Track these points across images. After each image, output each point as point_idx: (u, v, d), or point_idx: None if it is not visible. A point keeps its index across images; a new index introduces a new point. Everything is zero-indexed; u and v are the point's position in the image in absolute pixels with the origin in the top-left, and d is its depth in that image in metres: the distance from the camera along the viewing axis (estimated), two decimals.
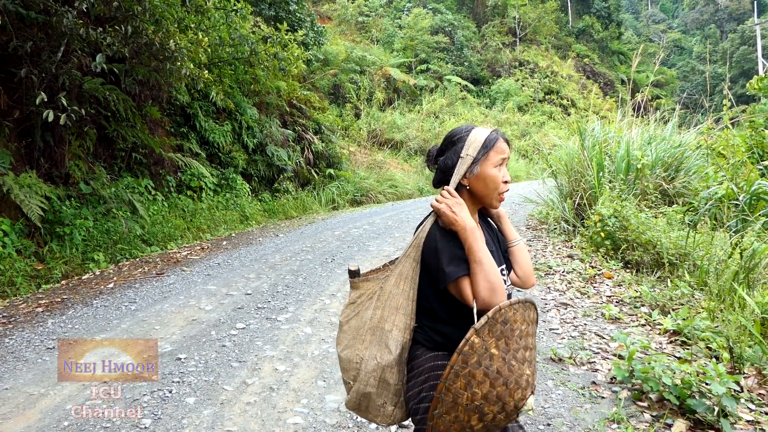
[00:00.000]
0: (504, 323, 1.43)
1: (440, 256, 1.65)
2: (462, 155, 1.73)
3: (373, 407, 1.75)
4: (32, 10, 6.45)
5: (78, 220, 7.11)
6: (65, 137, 7.39)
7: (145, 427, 3.11)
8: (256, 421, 3.19)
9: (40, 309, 5.38)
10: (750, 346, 3.74)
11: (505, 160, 1.75)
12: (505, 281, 1.82)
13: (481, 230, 1.87)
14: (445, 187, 1.75)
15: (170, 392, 3.55)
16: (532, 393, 1.45)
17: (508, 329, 1.44)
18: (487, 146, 1.72)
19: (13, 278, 5.99)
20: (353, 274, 1.92)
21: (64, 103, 6.31)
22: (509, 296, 1.78)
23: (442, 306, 1.70)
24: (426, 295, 1.74)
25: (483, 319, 1.42)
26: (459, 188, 1.77)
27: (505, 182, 1.76)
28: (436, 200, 1.72)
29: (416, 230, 1.79)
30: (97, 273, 6.81)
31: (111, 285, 6.26)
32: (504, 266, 1.86)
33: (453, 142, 1.79)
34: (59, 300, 5.68)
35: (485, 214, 1.98)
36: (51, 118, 6.16)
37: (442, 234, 1.68)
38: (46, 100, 6.19)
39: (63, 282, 6.41)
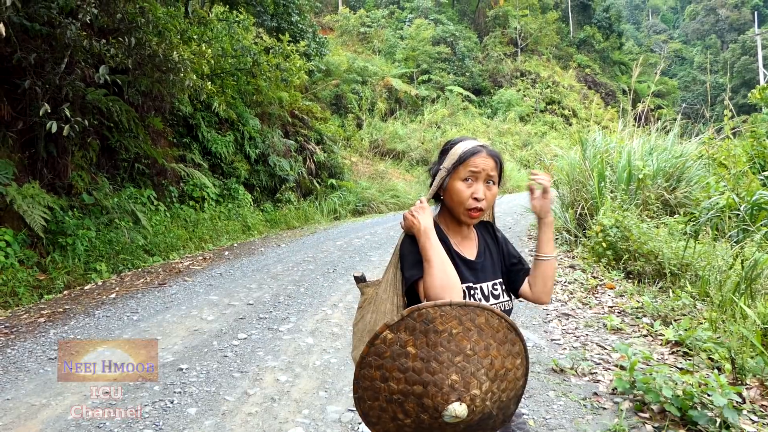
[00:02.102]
0: (425, 323, 1.40)
1: (405, 262, 1.69)
2: (440, 167, 1.77)
3: None
4: (36, 22, 6.51)
5: (80, 231, 7.13)
6: (68, 148, 7.43)
7: None
8: (258, 431, 3.19)
9: (42, 319, 5.39)
10: (752, 357, 3.73)
11: (478, 175, 1.73)
12: (496, 295, 1.81)
13: (477, 239, 1.89)
14: (420, 197, 1.78)
15: (172, 403, 3.55)
16: (461, 401, 1.41)
17: (431, 330, 1.40)
18: (459, 160, 1.73)
19: (15, 288, 6.00)
20: (358, 279, 1.98)
21: (68, 114, 6.35)
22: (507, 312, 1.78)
23: None
24: (405, 301, 1.75)
25: (397, 316, 1.41)
26: (439, 200, 1.82)
27: (476, 198, 1.73)
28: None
29: None
30: (100, 283, 6.82)
31: (113, 295, 6.27)
32: (499, 281, 1.85)
33: (441, 153, 1.83)
34: (61, 310, 5.69)
35: (491, 229, 1.99)
36: (54, 129, 6.19)
37: (409, 241, 1.71)
38: (49, 111, 6.22)
39: (65, 292, 6.42)
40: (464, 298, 1.69)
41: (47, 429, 3.21)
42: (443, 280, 1.56)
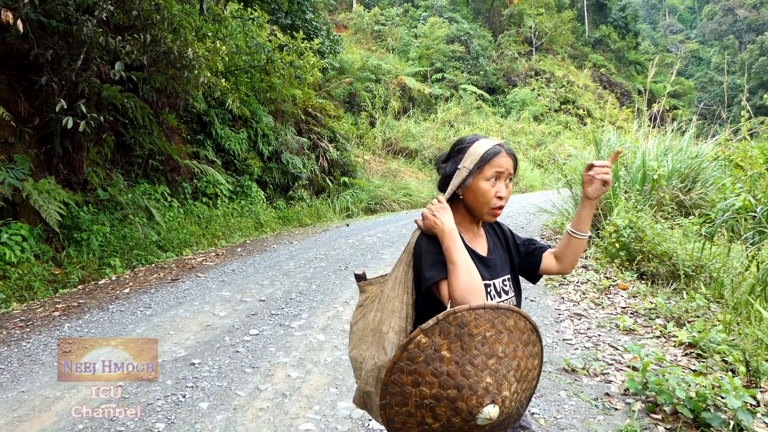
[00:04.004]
0: (460, 326, 1.40)
1: (423, 262, 1.67)
2: (459, 166, 1.75)
3: (374, 406, 1.76)
4: (53, 18, 6.56)
5: (95, 226, 7.19)
6: (84, 144, 7.50)
7: (159, 431, 3.14)
8: (269, 426, 3.20)
9: (57, 313, 5.44)
10: (767, 360, 3.69)
11: (501, 174, 1.74)
12: (506, 291, 1.83)
13: (486, 236, 1.89)
14: (438, 195, 1.77)
15: (184, 397, 3.57)
16: (494, 403, 1.41)
17: (465, 333, 1.40)
18: (483, 160, 1.72)
19: (31, 282, 6.07)
20: (359, 277, 1.96)
21: (83, 110, 6.40)
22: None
23: (428, 310, 1.71)
24: (418, 300, 1.75)
25: (432, 320, 1.41)
26: (455, 198, 1.79)
27: (500, 197, 1.74)
28: (427, 206, 1.75)
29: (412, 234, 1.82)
30: (114, 278, 6.88)
31: (127, 290, 6.32)
32: (507, 277, 1.86)
33: (456, 151, 1.81)
34: (76, 304, 5.75)
35: (493, 225, 1.98)
36: (70, 125, 6.25)
37: (428, 240, 1.70)
38: (65, 107, 6.29)
39: (80, 287, 6.48)
40: None
41: (61, 421, 3.25)
42: (469, 282, 1.56)
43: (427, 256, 1.68)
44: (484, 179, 1.72)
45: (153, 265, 7.63)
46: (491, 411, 1.40)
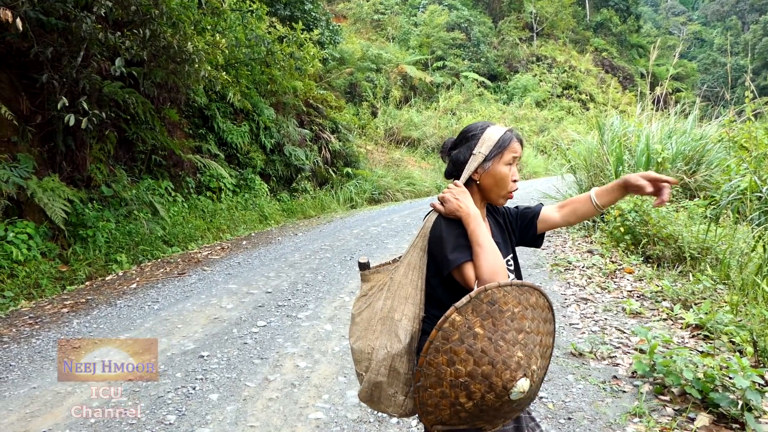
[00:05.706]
0: (491, 304, 1.43)
1: (444, 245, 1.68)
2: (474, 152, 1.77)
3: (385, 397, 1.76)
4: (52, 16, 6.56)
5: (100, 223, 7.21)
6: (86, 141, 7.50)
7: (170, 423, 3.16)
8: (279, 416, 3.22)
9: (65, 310, 5.47)
10: None
11: (516, 159, 1.78)
12: (511, 271, 1.86)
13: (487, 221, 1.89)
14: (455, 181, 1.80)
15: (194, 389, 3.59)
16: (525, 376, 1.43)
17: (496, 310, 1.43)
18: (500, 146, 1.76)
19: (38, 280, 6.10)
20: (363, 266, 1.95)
21: (85, 107, 6.41)
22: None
23: (448, 294, 1.72)
24: (433, 284, 1.76)
25: (465, 298, 1.44)
26: (469, 182, 1.81)
27: (514, 181, 1.79)
28: (443, 191, 1.77)
29: (424, 219, 1.83)
30: (120, 274, 6.90)
31: (134, 285, 6.34)
32: (510, 257, 1.90)
33: (467, 138, 1.82)
34: (84, 301, 5.78)
35: (492, 211, 1.99)
36: (72, 122, 6.26)
37: (447, 223, 1.71)
38: (67, 104, 6.30)
39: (87, 283, 6.51)
40: None
41: (73, 416, 3.27)
42: (495, 264, 1.59)
43: (449, 239, 1.69)
44: (503, 164, 1.76)
45: (159, 260, 7.65)
46: (524, 384, 1.43)
